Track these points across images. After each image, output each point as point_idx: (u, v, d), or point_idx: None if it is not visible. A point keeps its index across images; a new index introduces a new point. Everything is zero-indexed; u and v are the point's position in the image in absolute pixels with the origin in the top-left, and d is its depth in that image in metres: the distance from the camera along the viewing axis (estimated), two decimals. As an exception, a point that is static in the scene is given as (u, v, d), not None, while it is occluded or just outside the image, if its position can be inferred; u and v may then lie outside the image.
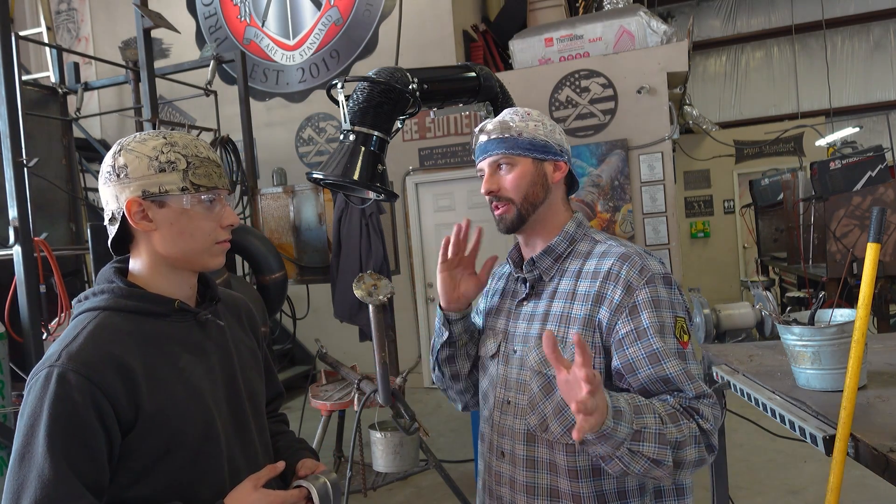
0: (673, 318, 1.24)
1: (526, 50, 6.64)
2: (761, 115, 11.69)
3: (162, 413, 1.06)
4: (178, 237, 1.12)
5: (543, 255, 1.36)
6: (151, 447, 1.06)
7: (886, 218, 4.25)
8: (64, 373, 1.00)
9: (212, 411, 1.13)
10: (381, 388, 2.73)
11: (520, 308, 1.39)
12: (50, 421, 0.98)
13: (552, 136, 1.36)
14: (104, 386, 1.01)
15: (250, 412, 1.24)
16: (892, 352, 2.20)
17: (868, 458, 1.42)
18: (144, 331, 1.10)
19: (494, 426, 1.39)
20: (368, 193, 2.32)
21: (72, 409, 0.98)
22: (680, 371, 1.21)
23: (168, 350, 1.12)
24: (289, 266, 4.59)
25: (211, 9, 7.59)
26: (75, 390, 0.99)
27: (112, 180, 1.11)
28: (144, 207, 1.10)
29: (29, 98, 4.73)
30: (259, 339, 1.36)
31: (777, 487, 3.71)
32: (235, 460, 1.18)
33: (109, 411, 1.01)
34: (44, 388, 1.00)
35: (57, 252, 3.32)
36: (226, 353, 1.22)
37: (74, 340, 1.04)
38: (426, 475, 3.86)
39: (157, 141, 1.11)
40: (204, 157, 1.14)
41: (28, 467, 0.97)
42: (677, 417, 1.17)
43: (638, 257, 1.27)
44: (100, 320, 1.08)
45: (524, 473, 1.31)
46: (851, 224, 4.45)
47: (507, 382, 1.36)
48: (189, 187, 1.11)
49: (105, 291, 1.12)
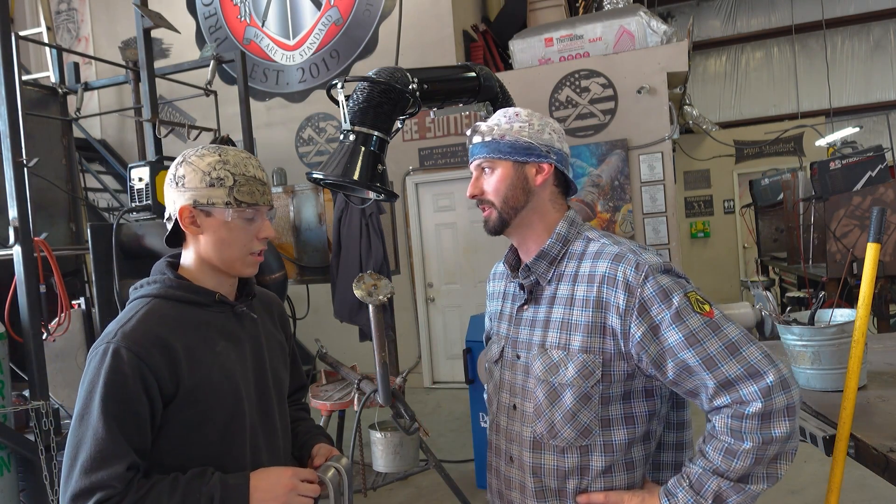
0: (685, 297, 1.20)
1: (526, 50, 6.64)
2: (761, 115, 11.69)
3: (198, 389, 1.21)
4: (218, 244, 1.28)
5: (538, 260, 1.34)
6: (187, 418, 1.21)
7: (886, 218, 4.25)
8: (118, 349, 1.16)
9: (241, 392, 1.28)
10: (381, 388, 2.73)
11: (520, 313, 1.38)
12: (105, 388, 1.14)
13: (538, 136, 1.34)
14: (150, 362, 1.17)
15: (275, 398, 1.38)
16: (892, 352, 2.20)
17: (868, 458, 1.43)
18: (188, 317, 1.26)
19: (502, 431, 1.38)
20: (368, 193, 2.32)
21: (123, 379, 1.15)
22: (706, 356, 1.16)
23: (207, 336, 1.27)
24: (289, 266, 4.58)
25: (211, 9, 7.59)
26: (127, 364, 1.15)
27: (172, 186, 1.28)
28: (194, 215, 1.26)
29: (29, 98, 4.73)
30: (288, 334, 1.51)
31: (777, 487, 3.69)
32: (257, 439, 1.32)
33: (154, 384, 1.17)
34: (101, 360, 1.16)
35: (57, 252, 3.32)
36: (257, 343, 1.37)
37: (129, 322, 1.21)
38: (426, 475, 3.86)
39: (212, 157, 1.27)
40: (251, 175, 1.29)
41: (86, 426, 1.14)
42: (732, 449, 1.15)
43: (632, 254, 1.25)
44: (151, 306, 1.25)
45: (531, 479, 1.31)
46: (851, 224, 4.45)
47: (513, 388, 1.36)
48: (233, 202, 1.26)
49: (157, 281, 1.29)
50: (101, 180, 7.40)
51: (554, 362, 1.27)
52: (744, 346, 1.17)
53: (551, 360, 1.28)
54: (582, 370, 1.24)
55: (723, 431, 1.17)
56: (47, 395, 3.00)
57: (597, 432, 1.25)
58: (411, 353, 6.60)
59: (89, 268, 4.47)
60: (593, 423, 1.25)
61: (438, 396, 6.33)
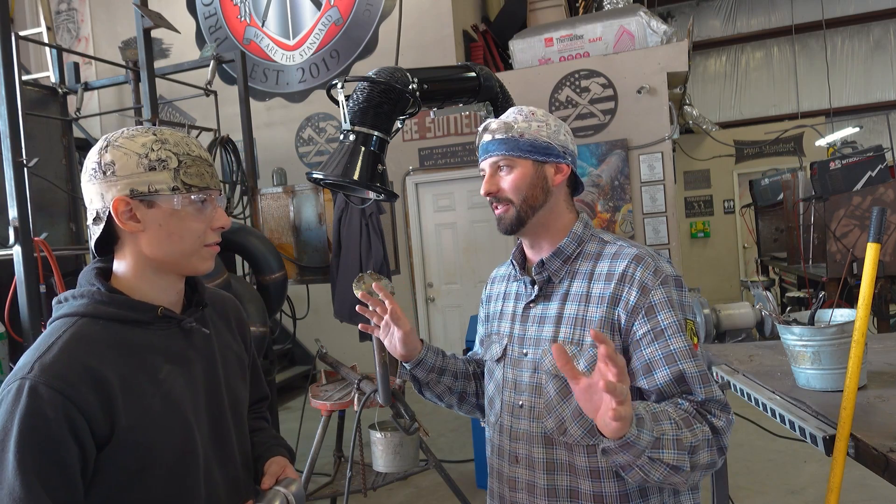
0: (684, 321, 1.25)
1: (526, 50, 6.64)
2: (761, 115, 11.69)
3: (138, 427, 1.02)
4: (166, 239, 1.07)
5: (553, 257, 1.35)
6: (127, 463, 1.01)
7: (886, 218, 4.25)
8: (35, 386, 0.94)
9: (191, 424, 1.09)
10: (381, 388, 2.73)
11: (528, 311, 1.37)
12: (20, 437, 0.93)
13: (555, 137, 1.34)
14: (78, 401, 0.96)
15: (232, 423, 1.20)
16: (892, 352, 2.20)
17: (868, 458, 1.42)
18: (124, 340, 1.05)
19: (505, 430, 1.36)
20: (368, 193, 2.32)
21: (44, 424, 0.94)
22: (695, 373, 1.21)
23: (148, 361, 1.07)
24: (289, 266, 4.59)
25: (211, 9, 7.59)
26: (48, 405, 0.94)
27: (97, 177, 1.05)
28: (132, 207, 1.05)
29: (29, 98, 4.73)
30: (247, 341, 1.32)
31: (777, 487, 3.70)
32: (213, 475, 1.13)
33: (84, 426, 0.96)
34: (15, 401, 0.94)
35: (57, 252, 3.32)
36: (210, 361, 1.17)
37: (48, 351, 0.99)
38: (426, 475, 3.85)
39: (146, 137, 1.06)
40: (196, 155, 1.09)
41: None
42: (691, 421, 1.17)
43: (651, 259, 1.28)
44: (77, 328, 1.03)
45: (544, 477, 1.29)
46: (851, 224, 4.45)
47: (518, 386, 1.35)
48: (180, 187, 1.06)
49: (85, 296, 1.07)
50: (101, 180, 7.39)
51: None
52: (713, 383, 1.25)
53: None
54: (593, 365, 1.23)
55: (688, 409, 1.21)
56: (47, 395, 3.00)
57: None
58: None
59: (89, 268, 4.45)
60: None
61: (438, 396, 6.33)
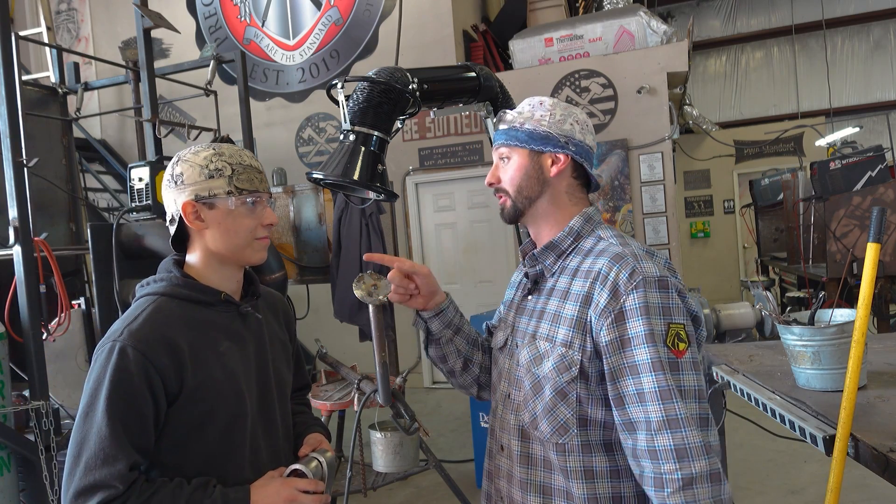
0: (665, 326, 1.16)
1: (526, 50, 6.64)
2: (761, 115, 11.69)
3: (202, 388, 1.22)
4: (225, 234, 1.28)
5: (545, 251, 1.33)
6: (190, 418, 1.21)
7: (886, 218, 4.25)
8: (124, 347, 1.16)
9: (243, 392, 1.28)
10: (381, 388, 2.72)
11: (524, 302, 1.38)
12: (110, 386, 1.14)
13: (558, 126, 1.31)
14: (156, 361, 1.17)
15: (277, 398, 1.38)
16: (892, 352, 2.20)
17: (868, 458, 1.42)
18: (193, 316, 1.26)
19: (497, 419, 1.39)
20: (368, 193, 2.31)
21: (128, 378, 1.15)
22: (659, 418, 1.11)
23: (212, 335, 1.27)
24: (289, 266, 4.58)
25: (211, 9, 7.59)
26: (132, 363, 1.16)
27: (171, 187, 1.28)
28: (197, 209, 1.27)
29: (29, 98, 4.72)
30: (293, 334, 1.53)
31: (777, 487, 3.70)
32: (257, 439, 1.31)
33: (159, 383, 1.17)
34: (107, 358, 1.17)
35: (57, 252, 3.32)
36: (261, 343, 1.37)
37: (135, 320, 1.21)
38: (426, 475, 3.85)
39: (207, 152, 1.28)
40: (247, 164, 1.31)
41: (90, 423, 1.15)
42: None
43: (632, 258, 1.21)
44: (157, 304, 1.25)
45: (519, 469, 1.30)
46: (851, 224, 4.45)
47: (510, 377, 1.36)
48: (234, 191, 1.27)
49: (164, 280, 1.30)
50: (101, 180, 7.40)
51: (539, 353, 1.27)
52: (690, 398, 1.14)
53: (537, 351, 1.27)
54: (558, 364, 1.22)
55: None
56: (47, 395, 3.00)
57: (574, 431, 1.21)
58: (411, 353, 6.59)
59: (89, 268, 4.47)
60: (570, 421, 1.21)
61: (438, 396, 6.33)
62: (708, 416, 1.15)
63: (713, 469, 1.10)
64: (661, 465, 1.10)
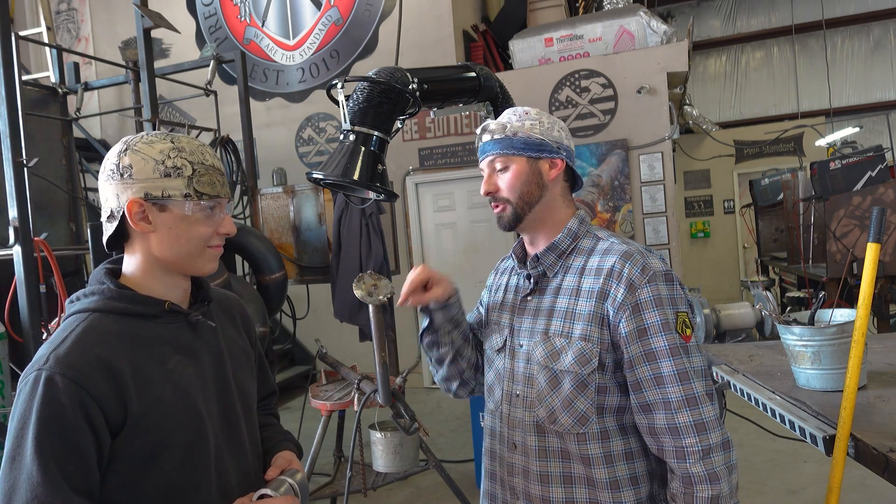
0: (674, 315, 1.27)
1: (526, 50, 6.64)
2: (761, 115, 11.69)
3: (150, 414, 1.06)
4: (174, 241, 1.13)
5: (547, 252, 1.39)
6: (140, 448, 1.06)
7: (886, 218, 4.25)
8: (51, 376, 1.00)
9: (201, 412, 1.14)
10: (381, 388, 2.73)
11: (524, 303, 1.42)
12: (38, 424, 0.98)
13: (549, 133, 1.39)
14: (92, 388, 1.01)
15: (241, 412, 1.24)
16: (892, 352, 2.20)
17: (868, 458, 1.43)
18: (134, 332, 1.11)
19: (504, 418, 1.42)
20: (368, 193, 2.32)
21: (59, 412, 0.99)
22: (681, 397, 1.23)
23: (157, 352, 1.12)
24: (289, 266, 4.59)
25: (211, 9, 7.59)
26: (63, 394, 0.99)
27: (115, 178, 1.11)
28: (145, 209, 1.11)
29: (29, 98, 4.73)
30: (253, 338, 1.37)
31: (777, 487, 3.71)
32: (223, 462, 1.17)
33: (98, 413, 1.01)
34: (32, 391, 1.00)
35: (57, 252, 3.32)
36: (217, 354, 1.22)
37: (63, 343, 1.05)
38: (426, 475, 3.85)
39: (164, 144, 1.12)
40: (209, 164, 1.15)
41: (18, 470, 0.98)
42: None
43: (640, 255, 1.30)
44: (89, 322, 1.09)
45: (537, 463, 1.34)
46: (851, 224, 4.45)
47: (515, 376, 1.39)
48: (192, 194, 1.12)
49: (96, 293, 1.13)
50: (101, 180, 7.40)
51: (556, 349, 1.32)
52: (699, 377, 1.26)
53: (553, 348, 1.33)
54: (579, 357, 1.29)
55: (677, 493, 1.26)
56: (47, 395, 3.00)
57: (593, 420, 1.29)
58: (411, 353, 6.59)
59: (89, 268, 4.47)
60: (590, 411, 1.29)
61: (438, 396, 6.33)
62: (713, 392, 1.28)
63: (725, 438, 1.24)
64: (683, 440, 1.22)
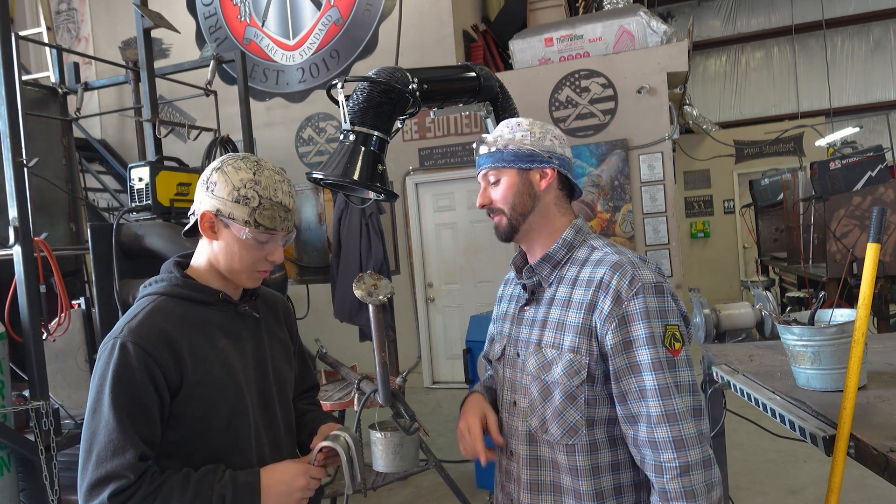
0: (662, 328, 1.25)
1: (526, 50, 6.64)
2: (761, 115, 11.70)
3: (201, 383, 1.27)
4: (229, 255, 1.34)
5: (542, 263, 1.39)
6: (192, 411, 1.26)
7: (886, 218, 4.25)
8: (125, 343, 1.22)
9: (242, 388, 1.33)
10: (381, 388, 2.72)
11: (522, 313, 1.43)
12: (113, 381, 1.20)
13: (539, 143, 1.39)
14: (157, 356, 1.22)
15: (276, 394, 1.42)
16: (892, 352, 2.20)
17: (868, 458, 1.42)
18: (192, 315, 1.32)
19: (503, 426, 1.43)
20: (368, 193, 2.32)
21: (130, 372, 1.20)
22: (659, 413, 1.21)
23: (210, 333, 1.32)
24: (289, 266, 4.58)
25: (211, 9, 7.59)
26: (133, 357, 1.21)
27: (203, 188, 1.33)
28: (213, 222, 1.32)
29: (29, 98, 4.72)
30: (293, 333, 1.57)
31: (777, 487, 3.71)
32: (259, 434, 1.36)
33: (160, 377, 1.22)
34: (109, 355, 1.22)
35: (57, 252, 3.31)
36: (259, 341, 1.42)
37: (135, 318, 1.27)
38: (426, 475, 3.85)
39: (246, 174, 1.30)
40: (277, 201, 1.32)
41: (98, 418, 1.20)
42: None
43: (630, 266, 1.29)
44: (157, 303, 1.31)
45: (527, 472, 1.36)
46: (851, 224, 4.45)
47: (513, 385, 1.41)
48: (251, 223, 1.30)
49: (164, 280, 1.36)
50: (101, 180, 7.39)
51: (547, 360, 1.33)
52: (685, 392, 1.23)
53: (545, 359, 1.33)
54: (568, 369, 1.29)
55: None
56: (47, 395, 3.00)
57: (583, 432, 1.29)
58: (411, 353, 6.59)
59: (89, 268, 4.47)
60: (579, 423, 1.29)
61: (438, 396, 6.33)
62: (701, 407, 1.26)
63: (705, 456, 1.22)
64: (661, 455, 1.21)
